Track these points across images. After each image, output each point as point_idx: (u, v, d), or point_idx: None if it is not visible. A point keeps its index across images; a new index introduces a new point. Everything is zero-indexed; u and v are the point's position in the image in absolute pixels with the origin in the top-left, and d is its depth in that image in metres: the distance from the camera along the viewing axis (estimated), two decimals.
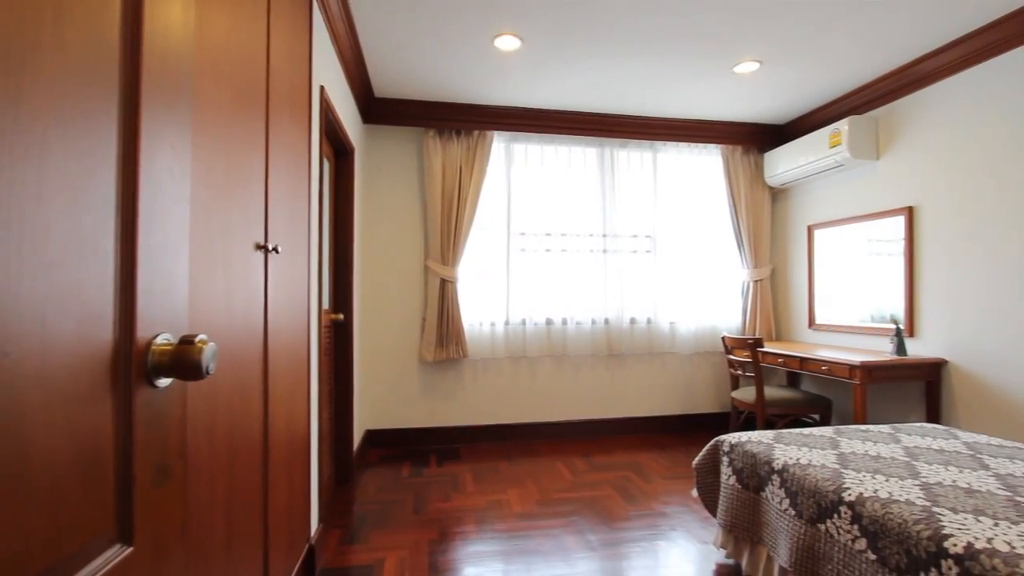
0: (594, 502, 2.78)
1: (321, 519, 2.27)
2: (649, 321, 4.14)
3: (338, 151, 3.00)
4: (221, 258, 1.08)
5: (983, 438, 2.05)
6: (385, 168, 3.83)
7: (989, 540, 1.20)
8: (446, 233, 3.73)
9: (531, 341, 3.94)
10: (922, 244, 3.10)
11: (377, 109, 3.64)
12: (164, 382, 0.57)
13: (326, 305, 2.79)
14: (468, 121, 3.74)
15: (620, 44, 2.83)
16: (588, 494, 2.89)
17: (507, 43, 2.81)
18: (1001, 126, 2.67)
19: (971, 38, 2.70)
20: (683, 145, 4.19)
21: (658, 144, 4.16)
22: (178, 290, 0.61)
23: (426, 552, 2.24)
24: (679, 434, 4.15)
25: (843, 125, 3.35)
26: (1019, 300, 2.59)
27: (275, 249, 1.39)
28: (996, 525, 1.27)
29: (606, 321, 4.06)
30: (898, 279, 3.24)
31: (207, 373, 0.56)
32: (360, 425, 3.56)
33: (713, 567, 2.12)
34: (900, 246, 3.22)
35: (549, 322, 3.99)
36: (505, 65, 3.09)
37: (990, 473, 1.64)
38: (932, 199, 3.04)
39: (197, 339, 0.56)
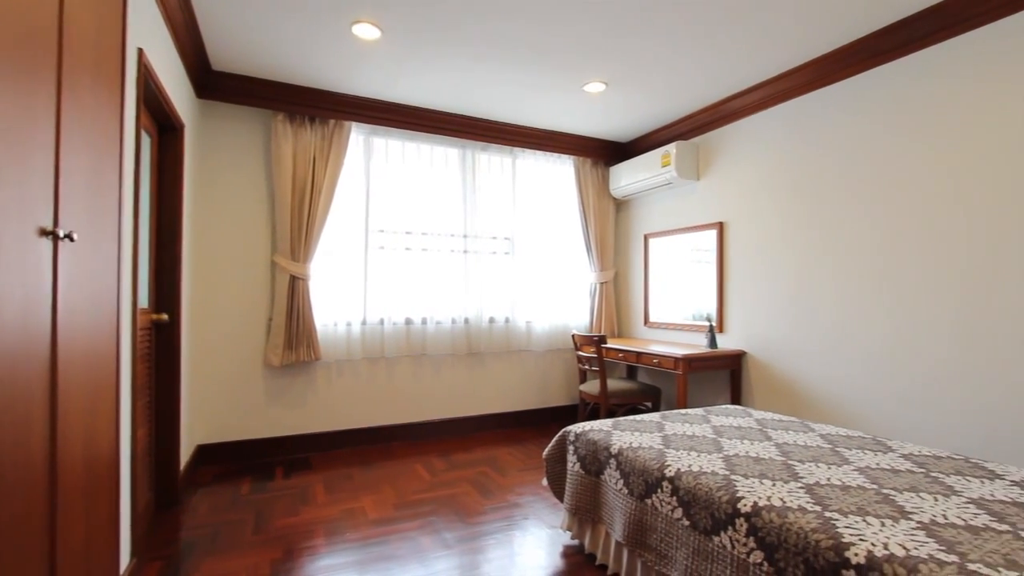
0: (451, 500, 2.80)
1: (135, 553, 1.95)
2: (507, 320, 4.30)
3: (163, 125, 2.61)
4: None
5: (770, 415, 2.49)
6: (226, 150, 3.43)
7: (768, 498, 1.47)
8: (297, 227, 3.46)
9: (390, 341, 3.83)
10: (729, 254, 3.68)
11: (215, 83, 3.25)
12: None
13: (145, 304, 2.41)
14: (324, 108, 3.52)
15: (482, 49, 2.90)
16: (446, 492, 2.91)
17: (366, 31, 2.70)
18: (780, 161, 3.28)
19: (766, 85, 3.27)
20: (540, 153, 4.43)
21: (517, 150, 4.34)
22: None
23: (267, 574, 2.06)
24: (535, 427, 4.37)
25: (672, 148, 3.83)
26: (794, 302, 3.20)
27: (69, 236, 1.17)
28: (774, 485, 1.56)
29: (466, 320, 4.12)
30: (712, 283, 3.80)
31: None
32: (190, 441, 3.14)
33: (560, 549, 2.27)
34: (714, 255, 3.78)
35: (409, 322, 3.92)
36: (366, 55, 2.97)
37: (772, 443, 2.01)
38: (736, 216, 3.62)
39: None
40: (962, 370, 2.41)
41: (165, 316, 2.49)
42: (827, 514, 1.35)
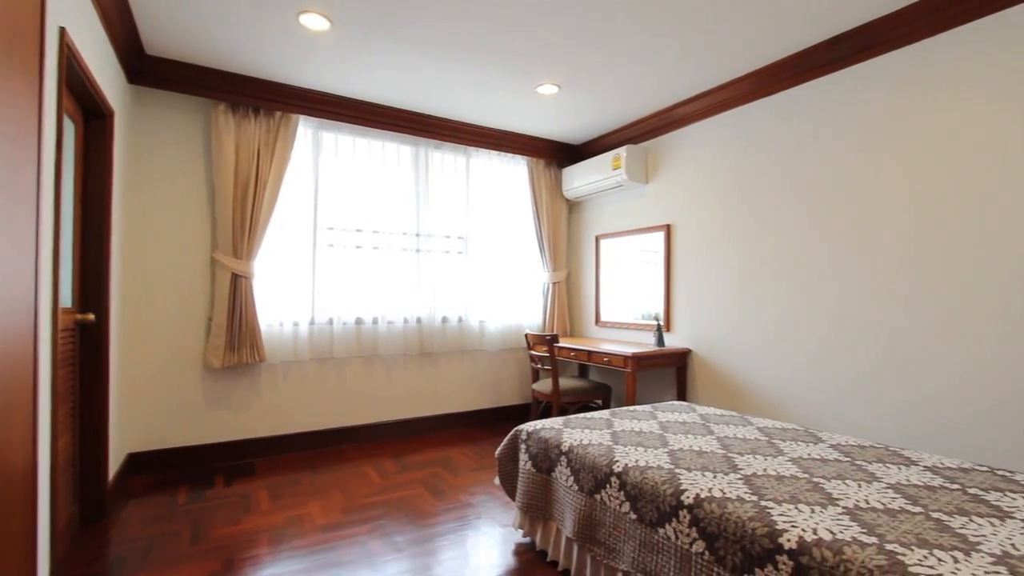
0: (403, 503, 2.76)
1: (55, 571, 1.81)
2: (460, 320, 4.28)
3: (90, 111, 2.44)
4: None
5: (712, 410, 2.60)
6: (162, 140, 3.24)
7: (710, 490, 1.53)
8: (240, 222, 3.31)
9: (339, 341, 3.74)
10: (676, 255, 3.81)
11: (149, 69, 3.05)
12: None
13: (67, 302, 2.24)
14: (269, 100, 3.38)
15: (435, 47, 2.87)
16: (397, 495, 2.86)
17: (314, 22, 2.62)
18: (725, 164, 3.43)
19: (711, 93, 3.40)
20: (494, 153, 4.43)
21: (471, 149, 4.33)
22: None
23: None
24: (488, 427, 4.38)
25: (622, 152, 3.93)
26: (736, 302, 3.36)
27: None
28: (715, 477, 1.63)
29: (419, 320, 4.07)
30: (660, 284, 3.92)
31: None
32: (120, 449, 2.94)
33: (513, 547, 2.28)
34: (662, 256, 3.91)
35: (359, 321, 3.84)
36: (314, 46, 2.87)
37: (714, 437, 2.10)
38: (683, 219, 3.75)
39: None
40: (885, 367, 2.60)
41: (91, 316, 2.32)
42: (763, 503, 1.43)
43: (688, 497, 1.52)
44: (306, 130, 3.65)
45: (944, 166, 2.39)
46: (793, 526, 1.29)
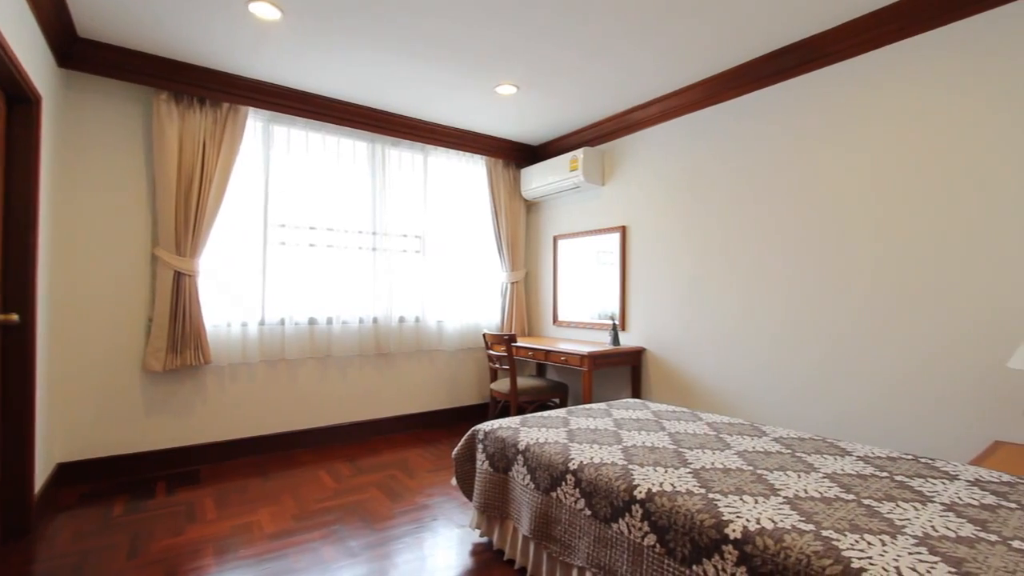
0: (358, 506, 2.70)
1: None
2: (418, 320, 4.23)
3: (13, 96, 2.26)
4: None
5: (665, 407, 2.68)
6: (98, 129, 3.04)
7: (661, 484, 1.58)
8: (183, 218, 3.15)
9: (291, 342, 3.62)
10: (631, 256, 3.90)
11: (82, 53, 2.86)
12: None
13: None
14: (216, 90, 3.23)
15: (391, 43, 2.82)
16: (352, 499, 2.80)
17: (264, 11, 2.52)
18: (677, 168, 3.54)
19: (665, 99, 3.51)
20: (452, 152, 4.41)
21: (429, 147, 4.29)
22: None
23: None
24: (446, 427, 4.35)
25: (579, 154, 3.99)
26: (688, 302, 3.47)
27: None
28: (666, 472, 1.68)
29: (375, 320, 4.00)
30: (616, 284, 4.01)
31: None
32: (48, 459, 2.75)
33: (470, 547, 2.28)
34: (617, 257, 3.99)
35: (313, 322, 3.73)
36: (265, 36, 2.77)
37: (666, 433, 2.16)
38: (637, 221, 3.85)
39: None
40: (826, 364, 2.75)
41: (15, 316, 2.16)
42: (711, 495, 1.48)
43: (640, 492, 1.56)
44: (256, 123, 3.51)
45: (882, 175, 2.55)
46: (738, 516, 1.34)
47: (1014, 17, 2.13)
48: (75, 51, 2.84)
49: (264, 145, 3.54)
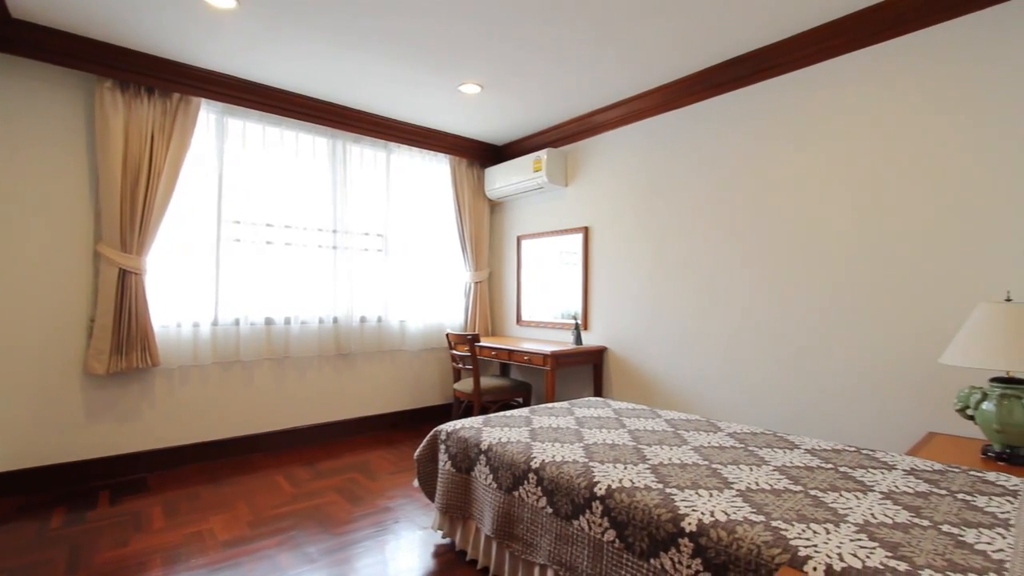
0: (316, 511, 2.64)
1: None
2: (380, 320, 4.17)
3: None
4: None
5: (625, 405, 2.73)
6: (35, 117, 2.86)
7: (620, 480, 1.61)
8: (129, 213, 3.00)
9: (247, 343, 3.50)
10: (593, 257, 3.96)
11: (16, 35, 2.68)
12: None
13: None
14: (166, 80, 3.09)
15: (352, 39, 2.77)
16: (310, 504, 2.73)
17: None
18: (638, 171, 3.62)
19: (625, 103, 3.57)
20: (415, 150, 4.36)
21: (392, 144, 4.23)
22: None
23: None
24: (408, 428, 4.30)
25: (543, 154, 4.02)
26: (649, 302, 3.55)
27: None
28: (625, 468, 1.72)
29: (335, 320, 3.91)
30: (578, 284, 4.06)
31: None
32: None
33: (432, 549, 2.26)
34: (580, 257, 4.05)
35: (269, 322, 3.62)
36: (220, 24, 2.67)
37: (626, 430, 2.21)
38: (599, 222, 3.91)
39: None
40: (778, 361, 2.87)
41: None
42: (668, 490, 1.52)
43: (600, 489, 1.59)
44: (209, 115, 3.38)
45: (830, 182, 2.68)
46: (693, 510, 1.39)
47: (950, 31, 2.28)
48: (8, 33, 2.66)
49: (218, 138, 3.41)
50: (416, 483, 2.38)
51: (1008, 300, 1.81)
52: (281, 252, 3.67)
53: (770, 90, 2.90)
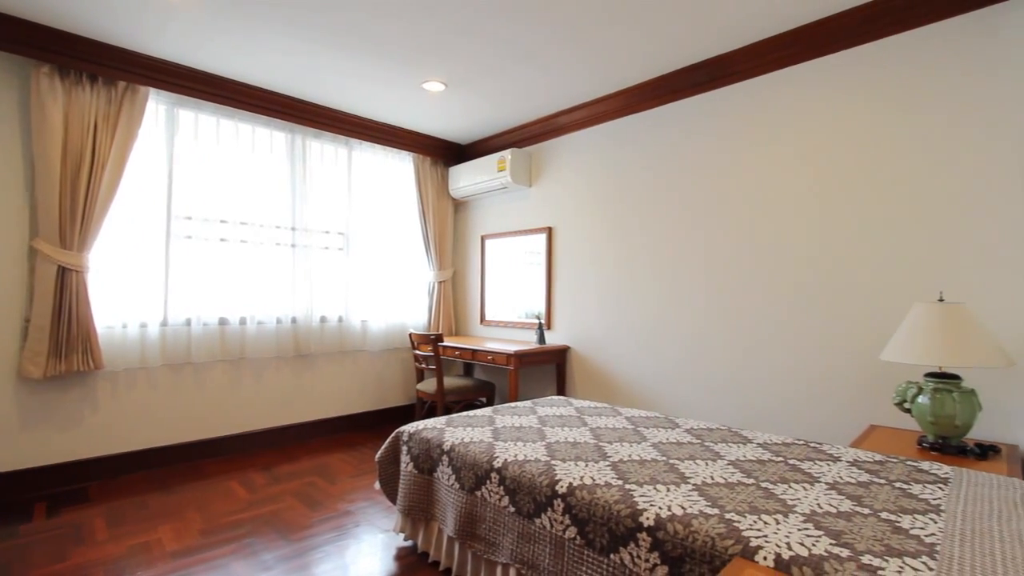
0: (273, 517, 2.56)
1: None
2: (341, 319, 4.08)
3: None
4: None
5: (587, 403, 2.77)
6: None
7: (581, 478, 1.63)
8: (69, 207, 2.83)
9: (199, 344, 3.36)
10: (557, 257, 4.00)
11: None
12: None
13: None
14: (110, 67, 2.93)
15: (313, 31, 2.70)
16: (267, 510, 2.65)
17: None
18: (601, 173, 3.68)
19: (588, 106, 3.62)
20: (378, 147, 4.29)
21: (353, 141, 4.15)
22: None
23: None
24: (370, 430, 4.23)
25: (507, 154, 4.03)
26: (611, 301, 3.61)
27: None
28: (587, 466, 1.74)
29: (294, 320, 3.80)
30: (541, 283, 4.09)
31: None
32: None
33: (394, 552, 2.23)
34: (543, 258, 4.08)
35: (224, 322, 3.48)
36: (172, 11, 2.55)
37: (588, 428, 2.24)
38: (563, 222, 3.95)
39: None
40: (731, 359, 2.97)
41: None
42: (627, 486, 1.55)
43: (562, 486, 1.61)
44: (158, 106, 3.23)
45: (782, 187, 2.79)
46: (652, 505, 1.42)
47: (893, 45, 2.42)
48: None
49: (168, 130, 3.26)
50: (377, 486, 2.34)
51: (941, 300, 1.93)
52: (236, 250, 3.54)
53: (726, 97, 3.00)
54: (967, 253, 2.20)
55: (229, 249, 3.50)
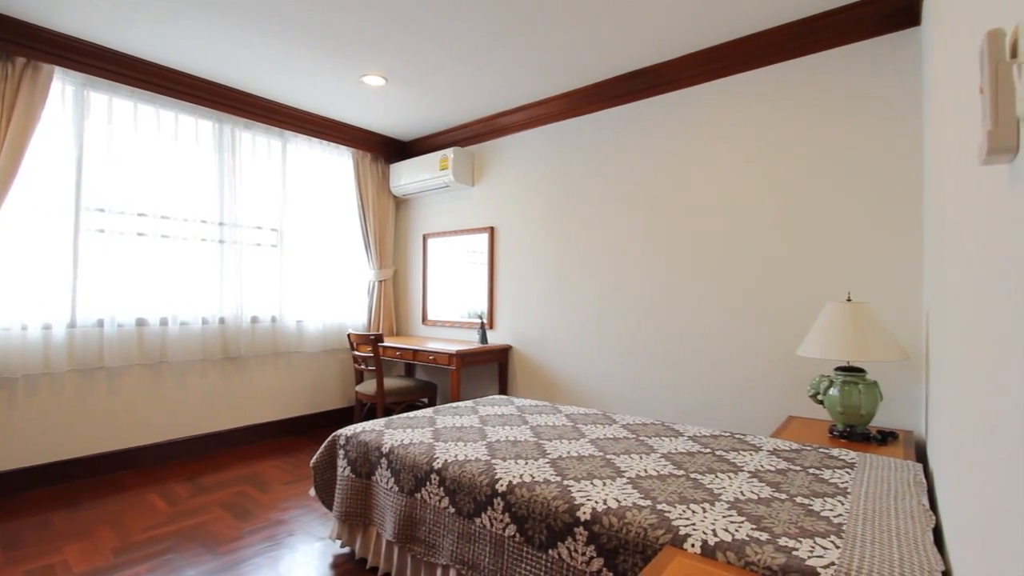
0: (198, 530, 2.41)
1: None
2: (274, 320, 3.90)
3: None
4: None
5: (528, 402, 2.80)
6: None
7: (521, 476, 1.65)
8: None
9: (113, 347, 3.10)
10: (499, 257, 4.01)
11: None
12: None
13: None
14: (8, 40, 2.65)
15: (243, 17, 2.56)
16: (190, 523, 2.49)
17: None
18: (543, 174, 3.73)
19: (530, 108, 3.66)
20: (315, 140, 4.14)
21: (288, 133, 3.97)
22: None
23: None
24: (306, 435, 4.07)
25: (450, 153, 4.00)
26: (552, 301, 3.67)
27: None
28: (526, 463, 1.76)
29: (221, 320, 3.59)
30: (484, 283, 4.09)
31: None
32: None
33: (330, 560, 2.16)
34: (486, 257, 4.08)
35: (142, 322, 3.24)
36: None
37: (528, 427, 2.26)
38: (505, 222, 3.97)
39: None
40: (666, 357, 3.10)
41: None
42: (565, 482, 1.59)
43: (502, 485, 1.62)
44: (65, 86, 2.95)
45: (709, 194, 2.94)
46: (588, 499, 1.46)
47: (799, 69, 2.61)
48: None
49: (77, 114, 2.98)
50: (313, 492, 2.26)
51: (848, 300, 2.11)
52: (156, 245, 3.30)
53: (663, 104, 3.13)
54: (870, 255, 2.42)
55: (148, 244, 3.26)
